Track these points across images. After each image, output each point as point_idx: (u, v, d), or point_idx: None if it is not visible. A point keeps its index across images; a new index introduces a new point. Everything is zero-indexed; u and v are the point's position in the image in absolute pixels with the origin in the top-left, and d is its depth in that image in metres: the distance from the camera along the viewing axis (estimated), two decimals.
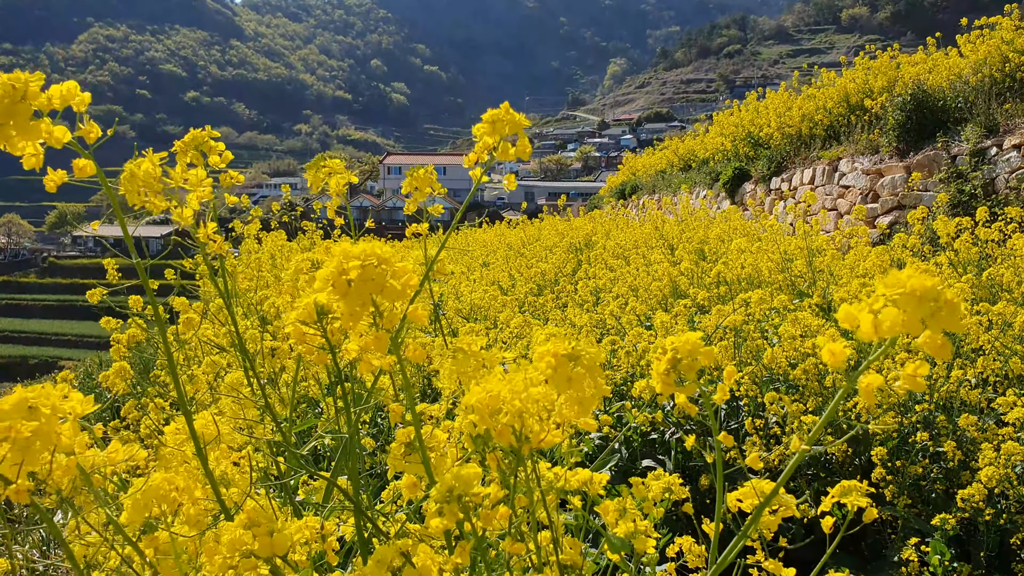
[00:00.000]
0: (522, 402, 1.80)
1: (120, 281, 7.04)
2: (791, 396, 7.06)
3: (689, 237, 16.69)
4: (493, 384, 1.84)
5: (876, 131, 19.24)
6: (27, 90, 1.87)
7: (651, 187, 36.98)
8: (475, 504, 1.88)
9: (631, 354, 7.60)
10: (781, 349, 7.37)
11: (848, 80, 22.27)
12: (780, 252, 11.62)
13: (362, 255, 1.86)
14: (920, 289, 1.43)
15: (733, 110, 31.05)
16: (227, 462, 2.68)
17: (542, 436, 1.83)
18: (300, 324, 2.21)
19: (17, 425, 1.64)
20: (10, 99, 1.86)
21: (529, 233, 26.81)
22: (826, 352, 1.62)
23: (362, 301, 1.87)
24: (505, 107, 2.42)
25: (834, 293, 8.96)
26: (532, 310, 11.81)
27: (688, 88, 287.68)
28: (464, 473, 1.88)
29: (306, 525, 2.24)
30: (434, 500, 1.88)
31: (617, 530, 2.30)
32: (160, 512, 2.11)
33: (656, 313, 8.53)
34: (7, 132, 1.88)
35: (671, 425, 7.29)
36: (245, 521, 2.02)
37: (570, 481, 2.31)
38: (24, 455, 1.64)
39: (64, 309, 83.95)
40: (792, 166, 22.85)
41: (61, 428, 1.70)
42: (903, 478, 6.47)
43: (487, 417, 1.83)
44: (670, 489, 2.73)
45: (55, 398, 1.72)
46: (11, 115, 1.87)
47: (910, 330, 1.43)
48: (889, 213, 17.37)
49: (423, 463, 2.23)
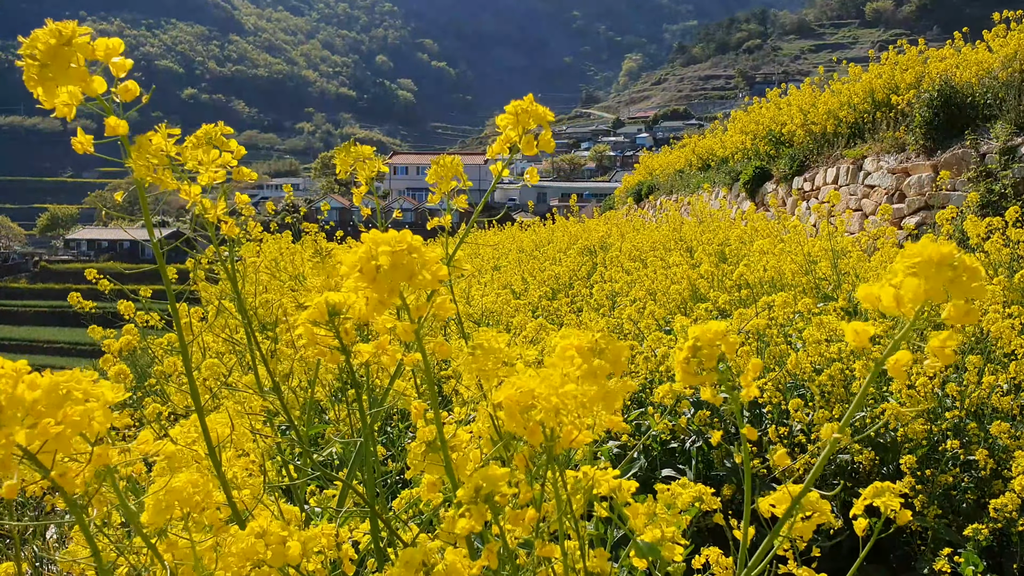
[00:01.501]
0: (559, 398, 1.81)
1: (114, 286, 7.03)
2: (816, 402, 7.07)
3: (709, 239, 16.68)
4: (525, 380, 1.85)
5: (902, 128, 19.17)
6: (72, 36, 1.93)
7: (668, 187, 36.91)
8: (502, 506, 1.90)
9: (650, 360, 7.60)
10: (805, 354, 7.37)
11: (874, 75, 22.19)
12: (804, 254, 11.61)
13: (392, 241, 1.88)
14: (937, 255, 1.47)
15: (753, 107, 30.93)
16: (239, 465, 2.69)
17: (574, 435, 1.85)
18: (311, 324, 2.21)
19: (52, 411, 1.66)
20: (56, 41, 1.92)
21: (542, 235, 26.78)
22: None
23: (390, 288, 1.87)
24: (529, 99, 2.44)
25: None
26: (546, 315, 11.79)
27: (706, 84, 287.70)
28: (492, 473, 1.90)
29: (321, 533, 2.26)
30: (461, 500, 1.89)
31: (645, 535, 2.31)
32: (182, 515, 2.12)
33: (675, 317, 8.53)
34: (46, 74, 1.94)
35: (691, 433, 7.30)
36: (257, 529, 2.04)
37: (600, 483, 2.30)
38: (57, 443, 1.65)
39: (56, 316, 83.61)
40: (815, 165, 22.78)
41: (93, 414, 1.71)
42: (933, 487, 6.47)
43: (517, 415, 1.83)
44: (700, 498, 2.73)
45: (87, 383, 1.75)
46: (53, 57, 1.92)
47: (932, 298, 1.46)
48: (916, 213, 17.33)
49: (445, 463, 2.23)
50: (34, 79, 1.96)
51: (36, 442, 1.63)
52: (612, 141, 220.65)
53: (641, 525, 2.31)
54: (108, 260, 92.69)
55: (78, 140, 2.20)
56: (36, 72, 1.95)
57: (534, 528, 2.01)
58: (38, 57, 1.94)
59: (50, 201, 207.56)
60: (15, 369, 1.64)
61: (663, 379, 7.28)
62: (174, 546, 2.12)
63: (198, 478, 2.14)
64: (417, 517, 2.93)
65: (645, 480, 7.17)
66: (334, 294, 2.10)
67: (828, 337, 7.38)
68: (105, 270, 8.46)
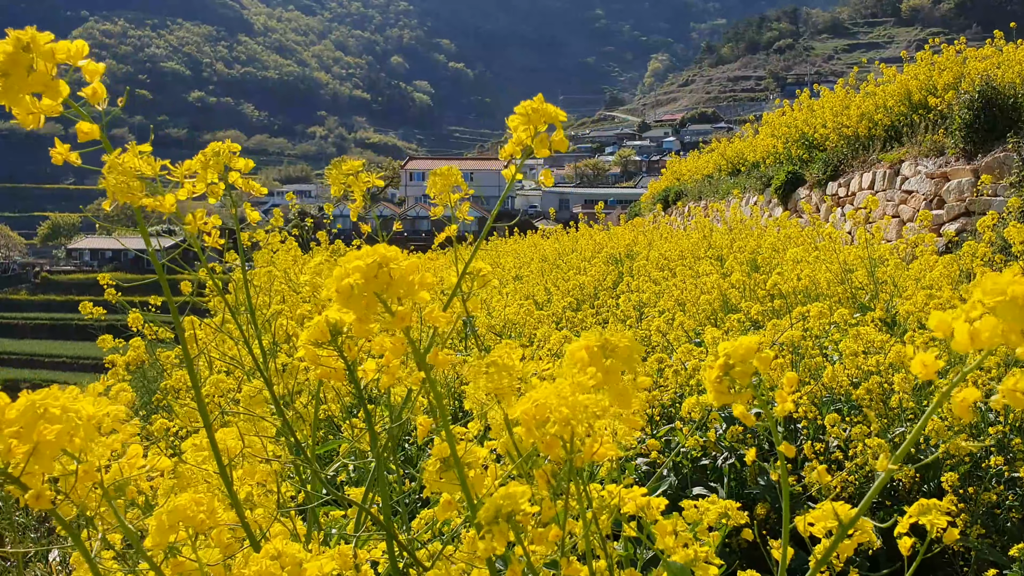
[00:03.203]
0: (570, 408, 1.79)
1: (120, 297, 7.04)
2: (853, 417, 7.03)
3: (740, 247, 16.66)
4: (539, 393, 1.83)
5: (941, 131, 19.12)
6: (32, 42, 1.93)
7: (697, 193, 36.91)
8: (524, 525, 1.88)
9: (679, 373, 7.57)
10: (842, 367, 7.34)
11: (910, 76, 22.17)
12: (839, 262, 11.58)
13: (364, 256, 1.87)
14: (1022, 295, 1.40)
15: (785, 109, 30.92)
16: (250, 483, 2.67)
17: (594, 448, 1.83)
18: (312, 346, 2.20)
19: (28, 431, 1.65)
20: (14, 48, 1.91)
21: (565, 243, 26.81)
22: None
23: (366, 303, 1.87)
24: (539, 99, 2.43)
25: (899, 306, 8.92)
26: (570, 326, 11.78)
27: (735, 86, 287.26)
28: (513, 490, 1.88)
29: (339, 553, 2.25)
30: (481, 520, 1.88)
31: (676, 556, 2.28)
32: (188, 535, 2.10)
33: (706, 329, 8.51)
34: (9, 84, 1.94)
35: (723, 449, 7.27)
36: (272, 551, 2.02)
37: (626, 501, 2.28)
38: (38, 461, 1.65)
39: (58, 328, 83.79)
40: (850, 170, 22.75)
41: (74, 430, 1.71)
42: (976, 506, 6.43)
43: (534, 429, 1.82)
44: (727, 514, 2.70)
45: (65, 399, 1.74)
46: (13, 66, 1.92)
47: (1009, 341, 1.40)
48: (956, 220, 17.28)
49: (460, 481, 2.21)
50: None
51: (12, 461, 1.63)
52: (637, 145, 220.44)
53: (672, 544, 2.28)
54: (112, 271, 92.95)
55: (56, 151, 2.19)
56: None
57: (559, 547, 1.99)
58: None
59: (51, 209, 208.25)
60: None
61: (693, 392, 7.25)
62: (180, 566, 2.11)
63: (202, 496, 2.12)
64: (437, 538, 2.92)
65: (675, 499, 7.12)
66: (334, 311, 2.08)
67: (866, 349, 7.35)
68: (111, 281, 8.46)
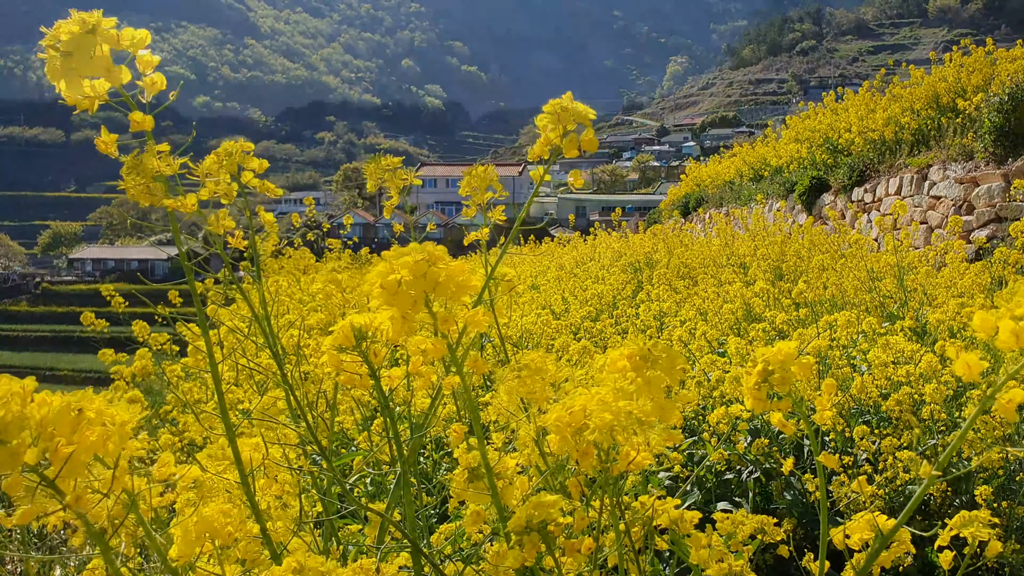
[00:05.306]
0: (613, 415, 1.78)
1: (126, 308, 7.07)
2: (883, 429, 7.02)
3: (763, 254, 16.64)
4: (576, 399, 1.82)
5: (970, 135, 19.06)
6: (97, 24, 1.96)
7: (718, 199, 36.84)
8: (555, 536, 1.88)
9: (703, 384, 7.56)
10: (871, 377, 7.32)
11: (938, 78, 22.11)
12: (867, 269, 11.57)
13: (413, 251, 1.87)
14: None
15: (808, 113, 30.91)
16: (271, 494, 2.68)
17: (632, 456, 1.83)
18: (336, 351, 2.20)
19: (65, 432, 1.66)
20: (80, 29, 1.94)
21: (583, 251, 26.78)
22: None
23: (413, 301, 1.87)
24: (568, 96, 2.44)
25: (929, 315, 8.90)
26: (588, 336, 11.76)
27: (757, 89, 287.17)
28: (545, 499, 1.88)
29: (361, 568, 2.25)
30: (511, 531, 1.88)
31: (711, 571, 2.28)
32: (213, 548, 2.10)
33: (729, 339, 8.50)
34: (69, 64, 1.96)
35: (748, 463, 7.26)
36: (294, 565, 2.03)
37: (660, 513, 2.28)
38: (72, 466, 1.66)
39: (59, 341, 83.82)
40: (876, 175, 22.70)
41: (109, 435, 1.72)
42: (1011, 520, 6.41)
43: (568, 438, 1.80)
44: (763, 530, 2.69)
45: (100, 402, 1.75)
46: (77, 46, 1.94)
47: None
48: (986, 226, 17.24)
49: (491, 491, 2.20)
50: (57, 71, 1.99)
51: (51, 465, 1.64)
52: (656, 150, 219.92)
53: (706, 558, 2.28)
54: (115, 281, 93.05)
55: (102, 140, 2.22)
56: (59, 63, 1.98)
57: (590, 559, 1.99)
58: (61, 47, 1.96)
59: (52, 217, 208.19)
60: (23, 387, 1.64)
61: (716, 404, 7.24)
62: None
63: (230, 507, 2.13)
64: (458, 553, 2.92)
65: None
66: (359, 316, 2.08)
67: (895, 359, 7.33)
68: (114, 292, 8.47)
